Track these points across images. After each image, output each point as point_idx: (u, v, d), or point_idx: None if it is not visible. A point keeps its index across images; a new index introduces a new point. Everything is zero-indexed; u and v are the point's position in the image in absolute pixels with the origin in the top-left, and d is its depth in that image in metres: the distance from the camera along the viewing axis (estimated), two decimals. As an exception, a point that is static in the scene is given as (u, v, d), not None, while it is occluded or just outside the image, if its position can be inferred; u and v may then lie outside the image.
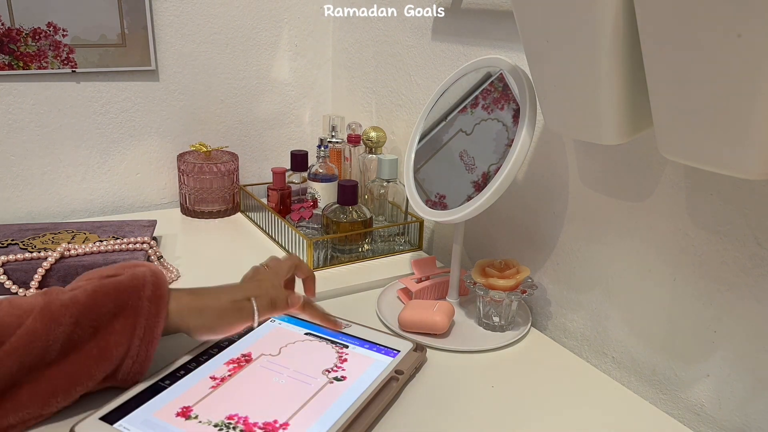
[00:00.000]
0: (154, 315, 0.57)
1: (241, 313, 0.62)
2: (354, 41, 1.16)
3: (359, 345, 0.69)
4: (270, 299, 0.65)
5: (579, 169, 0.73)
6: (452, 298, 0.80)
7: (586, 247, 0.74)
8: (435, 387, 0.64)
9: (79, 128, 1.04)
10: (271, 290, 0.66)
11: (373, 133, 1.01)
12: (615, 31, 0.49)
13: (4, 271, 0.77)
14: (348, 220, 0.92)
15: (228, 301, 0.62)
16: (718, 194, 0.58)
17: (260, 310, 0.64)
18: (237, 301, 0.63)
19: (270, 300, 0.65)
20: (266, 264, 0.70)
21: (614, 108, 0.54)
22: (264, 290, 0.65)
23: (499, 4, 0.80)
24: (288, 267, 0.71)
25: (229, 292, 0.64)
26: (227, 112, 1.17)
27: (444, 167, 0.75)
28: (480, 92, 0.73)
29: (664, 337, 0.66)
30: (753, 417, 0.58)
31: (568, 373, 0.69)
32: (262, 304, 0.64)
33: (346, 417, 0.55)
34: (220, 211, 1.09)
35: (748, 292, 0.57)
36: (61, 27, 0.97)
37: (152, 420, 0.54)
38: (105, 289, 0.56)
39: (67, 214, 1.07)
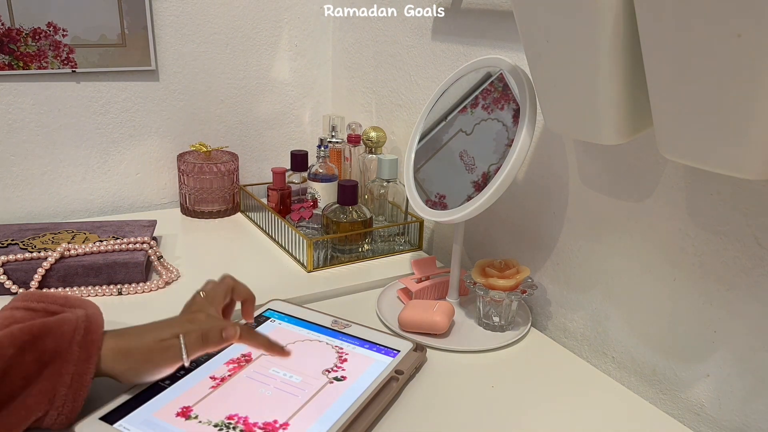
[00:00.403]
0: (83, 361, 0.53)
1: (167, 353, 0.56)
2: (354, 41, 1.16)
3: (359, 345, 0.69)
4: (200, 334, 0.57)
5: (579, 169, 0.73)
6: (452, 298, 0.80)
7: (586, 247, 0.74)
8: (435, 387, 0.64)
9: (79, 128, 1.04)
10: (204, 323, 0.58)
11: (373, 133, 1.01)
12: (615, 31, 0.49)
13: (4, 271, 0.77)
14: (348, 220, 0.92)
15: (153, 341, 0.56)
16: (718, 194, 0.58)
17: (189, 348, 0.56)
18: (164, 340, 0.56)
19: (200, 335, 0.57)
20: (202, 290, 0.64)
21: (614, 108, 0.54)
22: (195, 324, 0.58)
23: (499, 4, 0.80)
24: (224, 291, 0.64)
25: (156, 331, 0.57)
26: (227, 112, 1.17)
27: (444, 167, 0.75)
28: (480, 92, 0.73)
29: (664, 337, 0.66)
30: (753, 417, 0.58)
31: (568, 373, 0.69)
32: (191, 341, 0.56)
33: (346, 417, 0.55)
34: (220, 211, 1.09)
35: (748, 292, 0.57)
36: (61, 27, 0.97)
37: (152, 420, 0.54)
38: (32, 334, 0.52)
39: (67, 214, 1.07)
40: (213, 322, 0.59)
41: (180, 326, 0.58)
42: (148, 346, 0.56)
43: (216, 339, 0.58)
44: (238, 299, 0.67)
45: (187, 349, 0.56)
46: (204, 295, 0.63)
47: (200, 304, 0.62)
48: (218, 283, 0.65)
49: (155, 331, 0.57)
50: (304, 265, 0.89)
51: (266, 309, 0.75)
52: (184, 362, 0.56)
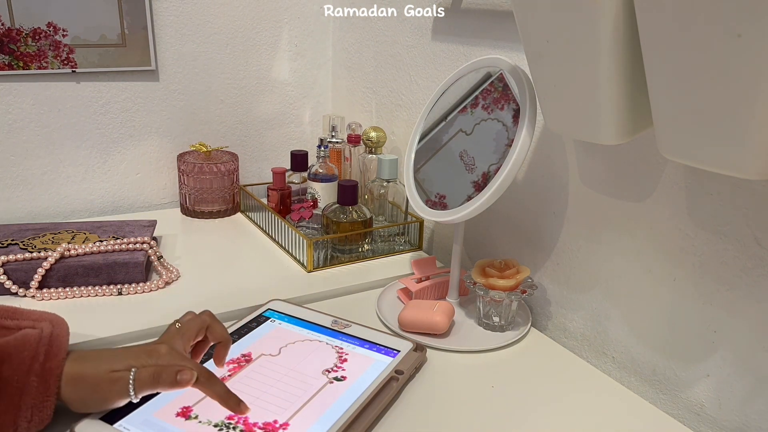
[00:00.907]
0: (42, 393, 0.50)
1: (115, 386, 0.52)
2: (354, 41, 1.16)
3: (359, 345, 0.69)
4: (153, 372, 0.52)
5: (579, 169, 0.73)
6: (452, 298, 0.80)
7: (586, 247, 0.74)
8: (435, 387, 0.64)
9: (79, 128, 1.04)
10: (162, 358, 0.54)
11: (373, 133, 1.01)
12: (615, 31, 0.49)
13: (4, 271, 0.77)
14: (348, 220, 0.92)
15: (105, 371, 0.52)
16: (718, 194, 0.58)
17: (137, 384, 0.52)
18: (114, 371, 0.52)
19: (153, 373, 0.52)
20: (179, 320, 0.60)
21: (614, 108, 0.54)
22: (153, 358, 0.54)
23: (499, 4, 0.80)
24: (197, 328, 0.59)
25: (112, 360, 0.53)
26: (227, 112, 1.17)
27: (444, 167, 0.75)
28: (480, 92, 0.73)
29: (664, 337, 0.66)
30: (753, 417, 0.58)
31: (568, 373, 0.69)
32: (142, 377, 0.52)
33: (346, 417, 0.55)
34: (220, 211, 1.09)
35: (748, 292, 0.57)
36: (61, 27, 0.97)
37: (152, 420, 0.54)
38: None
39: (67, 214, 1.07)
40: (172, 360, 0.54)
41: (136, 359, 0.53)
42: (100, 376, 0.52)
43: (169, 380, 0.52)
44: (212, 340, 0.60)
45: (135, 386, 0.52)
46: (178, 327, 0.59)
47: (170, 334, 0.58)
48: (195, 318, 0.60)
49: (111, 361, 0.53)
50: (304, 265, 0.89)
51: (266, 309, 0.75)
52: (131, 398, 0.52)
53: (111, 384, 0.52)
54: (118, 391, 0.52)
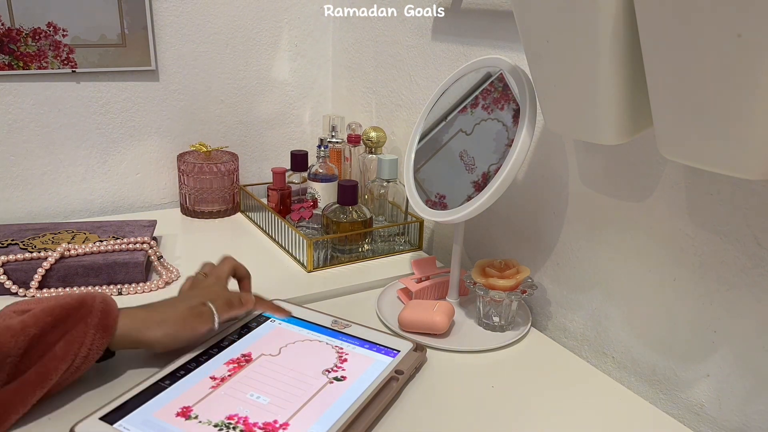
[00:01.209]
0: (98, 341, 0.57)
1: (201, 318, 0.63)
2: (354, 41, 1.16)
3: (359, 345, 0.69)
4: (225, 300, 0.66)
5: (579, 169, 0.73)
6: (452, 298, 0.80)
7: (586, 247, 0.74)
8: (435, 387, 0.64)
9: (79, 128, 1.04)
10: (223, 293, 0.67)
11: (373, 133, 1.01)
12: (615, 31, 0.49)
13: (4, 271, 0.77)
14: (348, 220, 0.92)
15: (185, 308, 0.63)
16: (718, 194, 0.58)
17: (219, 312, 0.65)
18: (194, 307, 0.63)
19: (226, 301, 0.66)
20: (203, 272, 0.71)
21: (614, 108, 0.54)
22: (216, 294, 0.66)
23: (499, 4, 0.80)
24: (228, 270, 0.71)
25: (183, 301, 0.65)
26: (227, 112, 1.17)
27: (444, 167, 0.75)
28: (480, 92, 0.73)
29: (664, 337, 0.66)
30: (753, 417, 0.58)
31: (568, 373, 0.69)
32: (220, 306, 0.65)
33: (346, 417, 0.55)
34: (220, 211, 1.09)
35: (748, 292, 0.57)
36: (61, 27, 0.97)
37: (152, 420, 0.54)
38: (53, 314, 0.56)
39: (67, 214, 1.07)
40: (230, 292, 0.68)
41: (205, 296, 0.65)
42: (183, 313, 0.62)
43: (238, 305, 0.67)
44: (239, 278, 0.73)
45: (218, 313, 0.64)
46: (206, 276, 0.70)
47: (207, 281, 0.69)
48: (220, 264, 0.72)
49: (183, 301, 0.64)
50: (304, 265, 0.89)
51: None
52: (215, 324, 0.64)
53: (197, 317, 0.63)
54: (203, 321, 0.63)
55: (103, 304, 0.58)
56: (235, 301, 0.67)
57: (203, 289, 0.67)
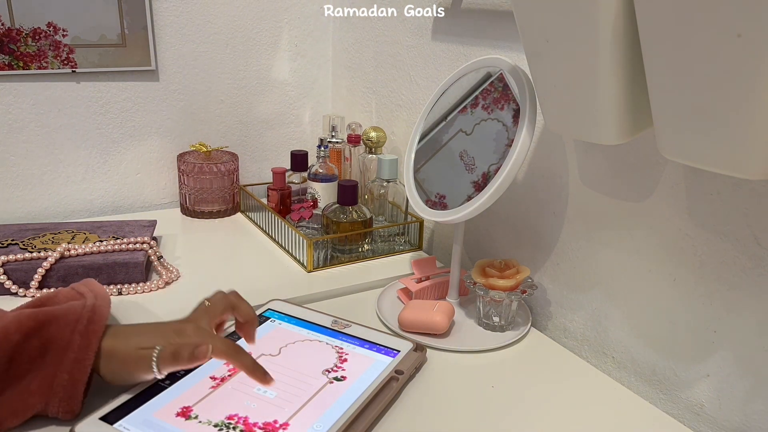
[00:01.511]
0: (83, 348, 0.54)
1: (140, 363, 0.55)
2: (354, 41, 1.16)
3: (359, 345, 0.69)
4: (173, 350, 0.55)
5: (579, 169, 0.73)
6: (452, 298, 0.80)
7: (586, 247, 0.74)
8: (435, 387, 0.64)
9: (79, 128, 1.04)
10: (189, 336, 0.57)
11: (373, 133, 1.01)
12: (615, 31, 0.49)
13: (4, 271, 0.77)
14: (348, 220, 0.92)
15: (134, 348, 0.56)
16: (718, 194, 0.58)
17: (160, 362, 0.55)
18: (142, 349, 0.56)
19: (172, 351, 0.55)
20: (209, 299, 0.63)
21: (614, 108, 0.54)
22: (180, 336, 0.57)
23: (499, 4, 0.80)
24: (222, 308, 0.62)
25: (142, 337, 0.57)
26: (227, 112, 1.17)
27: (444, 167, 0.75)
28: (480, 92, 0.73)
29: (664, 337, 0.66)
30: (753, 417, 0.58)
31: (568, 373, 0.69)
32: (164, 355, 0.55)
33: (346, 417, 0.55)
34: (220, 211, 1.09)
35: (748, 292, 0.57)
36: (61, 27, 0.97)
37: (152, 420, 0.54)
38: (37, 321, 0.54)
39: (67, 214, 1.07)
40: (197, 338, 0.57)
41: (163, 337, 0.57)
42: (128, 352, 0.56)
43: (187, 356, 0.55)
44: (239, 318, 0.63)
45: (158, 363, 0.55)
46: (207, 306, 0.62)
47: (198, 313, 0.61)
48: (222, 298, 0.63)
49: (141, 337, 0.57)
50: (304, 265, 0.89)
51: (266, 309, 0.75)
52: (155, 375, 0.56)
53: (137, 361, 0.56)
54: (143, 368, 0.56)
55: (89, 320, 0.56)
56: (185, 352, 0.55)
57: (179, 324, 0.59)
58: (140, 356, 0.56)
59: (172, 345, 0.56)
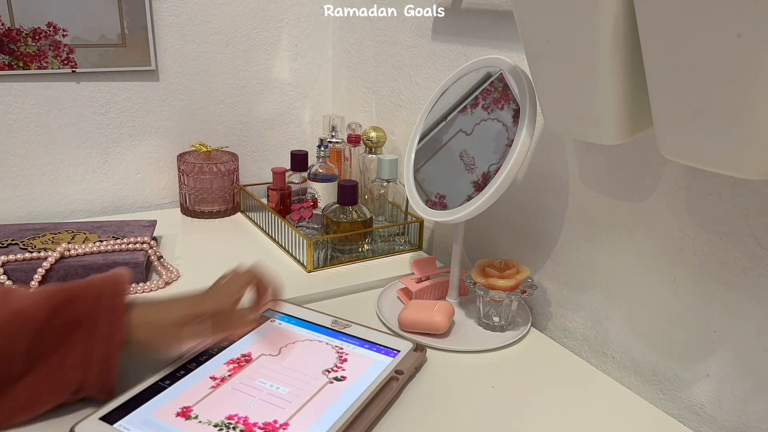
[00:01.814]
0: (112, 322, 0.55)
1: (168, 341, 0.60)
2: (354, 41, 1.16)
3: (359, 345, 0.69)
4: (199, 330, 0.61)
5: (579, 169, 0.73)
6: (452, 298, 0.80)
7: (586, 247, 0.74)
8: (435, 387, 0.64)
9: (79, 128, 1.04)
10: (207, 316, 0.61)
11: (373, 133, 1.01)
12: (615, 32, 0.49)
13: (4, 271, 0.77)
14: (348, 220, 0.92)
15: (162, 327, 0.59)
16: (718, 194, 0.58)
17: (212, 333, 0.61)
18: (169, 326, 0.59)
19: (197, 331, 0.61)
20: (226, 275, 0.66)
21: (614, 108, 0.54)
22: (202, 312, 0.61)
23: (499, 4, 0.80)
24: (240, 285, 0.65)
25: (182, 307, 0.60)
26: (227, 112, 1.17)
27: (444, 167, 0.75)
28: (480, 92, 0.73)
29: (664, 337, 0.66)
30: (753, 417, 0.58)
31: (568, 373, 0.69)
32: (189, 333, 0.60)
33: (346, 417, 0.55)
34: (220, 211, 1.09)
35: (748, 292, 0.57)
36: (61, 27, 0.97)
37: (152, 420, 0.54)
38: (62, 297, 0.55)
39: (67, 214, 1.07)
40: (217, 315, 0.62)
41: (189, 310, 0.60)
42: (155, 331, 0.58)
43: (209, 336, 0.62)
44: (260, 295, 0.67)
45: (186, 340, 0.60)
46: (230, 277, 0.65)
47: (220, 290, 0.64)
48: (241, 275, 0.66)
49: (182, 308, 0.60)
50: (304, 265, 0.89)
51: (266, 309, 0.75)
52: (181, 352, 0.61)
53: (166, 340, 0.59)
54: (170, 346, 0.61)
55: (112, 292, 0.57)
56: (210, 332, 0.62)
57: (198, 301, 0.62)
58: (167, 336, 0.59)
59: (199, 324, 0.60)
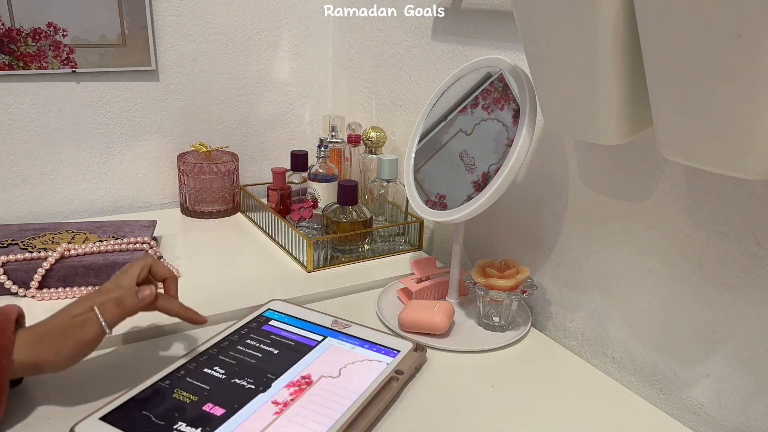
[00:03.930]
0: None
1: (86, 326, 0.54)
2: (354, 41, 1.16)
3: (359, 345, 0.69)
4: (115, 300, 0.56)
5: (579, 169, 0.73)
6: (452, 298, 0.80)
7: (586, 247, 0.74)
8: (435, 387, 0.64)
9: (79, 128, 1.04)
10: (114, 291, 0.57)
11: (373, 133, 1.01)
12: (615, 32, 0.49)
13: (4, 271, 0.77)
14: (348, 220, 0.92)
15: (66, 318, 0.55)
16: (718, 194, 0.58)
17: (106, 316, 0.55)
18: (77, 315, 0.55)
19: (115, 300, 0.56)
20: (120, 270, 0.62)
21: (614, 108, 0.54)
22: (105, 294, 0.56)
23: (499, 4, 0.80)
24: (139, 268, 0.61)
25: (66, 310, 0.56)
26: (227, 112, 1.17)
27: (444, 167, 0.75)
28: (480, 92, 0.73)
29: (664, 337, 0.66)
30: (753, 417, 0.58)
31: (568, 373, 0.69)
32: (107, 308, 0.55)
33: (346, 417, 0.55)
34: (220, 211, 1.09)
35: (748, 292, 0.57)
36: (61, 27, 0.97)
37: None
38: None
39: (67, 214, 1.07)
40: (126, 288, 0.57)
41: (90, 300, 0.56)
42: (65, 324, 0.54)
43: (132, 302, 0.56)
44: (158, 278, 0.63)
45: (104, 318, 0.55)
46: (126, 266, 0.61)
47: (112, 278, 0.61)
48: (135, 262, 0.62)
49: (67, 311, 0.56)
50: (304, 265, 0.89)
51: (266, 309, 0.75)
52: (104, 329, 0.55)
53: (81, 326, 0.54)
54: (90, 329, 0.54)
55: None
56: (129, 298, 0.56)
57: (95, 292, 0.58)
58: (82, 321, 0.54)
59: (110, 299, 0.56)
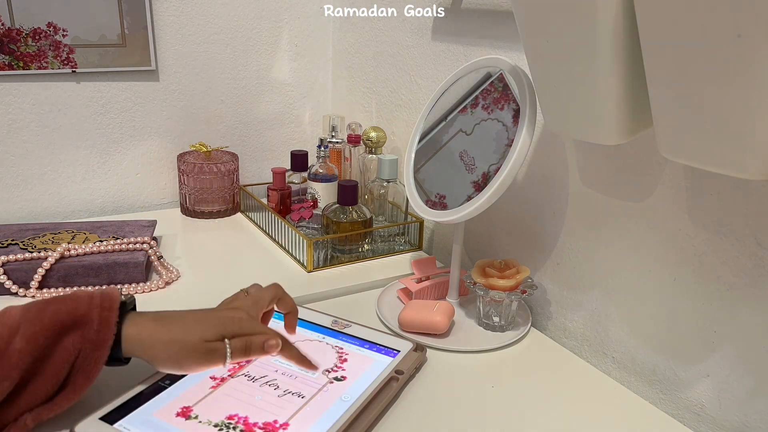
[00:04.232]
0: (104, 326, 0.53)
1: (212, 356, 0.55)
2: (354, 41, 1.16)
3: (359, 345, 0.69)
4: (245, 343, 0.57)
5: (579, 169, 0.73)
6: (452, 298, 0.80)
7: (586, 247, 0.74)
8: (435, 387, 0.64)
9: (79, 128, 1.04)
10: (245, 327, 0.58)
11: (373, 133, 1.01)
12: (615, 32, 0.49)
13: (4, 271, 0.77)
14: (348, 220, 0.92)
15: (199, 339, 0.55)
16: (718, 194, 0.58)
17: (233, 355, 0.56)
18: (209, 342, 0.55)
19: (245, 344, 0.57)
20: (247, 290, 0.64)
21: (614, 108, 0.54)
22: (236, 325, 0.58)
23: (499, 4, 0.80)
24: (269, 299, 0.63)
25: (201, 327, 0.56)
26: (227, 112, 1.17)
27: (444, 167, 0.75)
28: (480, 92, 0.73)
29: (664, 337, 0.66)
30: (753, 417, 0.58)
31: (568, 373, 0.69)
32: (237, 348, 0.56)
33: (346, 417, 0.55)
34: (220, 211, 1.09)
35: (748, 292, 0.57)
36: (61, 27, 0.97)
37: (152, 420, 0.54)
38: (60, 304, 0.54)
39: (67, 214, 1.07)
40: (255, 328, 0.58)
41: (224, 327, 0.57)
42: (194, 343, 0.55)
43: (258, 349, 0.57)
44: (282, 310, 0.65)
45: (232, 356, 0.56)
46: (247, 295, 0.63)
47: (242, 302, 0.62)
48: (266, 289, 0.64)
49: (201, 328, 0.56)
50: (304, 265, 0.89)
51: None
52: (225, 365, 0.56)
53: (207, 354, 0.55)
54: (213, 360, 0.56)
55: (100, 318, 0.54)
56: (257, 345, 0.57)
57: (229, 312, 0.59)
58: (210, 349, 0.55)
59: (241, 338, 0.57)
